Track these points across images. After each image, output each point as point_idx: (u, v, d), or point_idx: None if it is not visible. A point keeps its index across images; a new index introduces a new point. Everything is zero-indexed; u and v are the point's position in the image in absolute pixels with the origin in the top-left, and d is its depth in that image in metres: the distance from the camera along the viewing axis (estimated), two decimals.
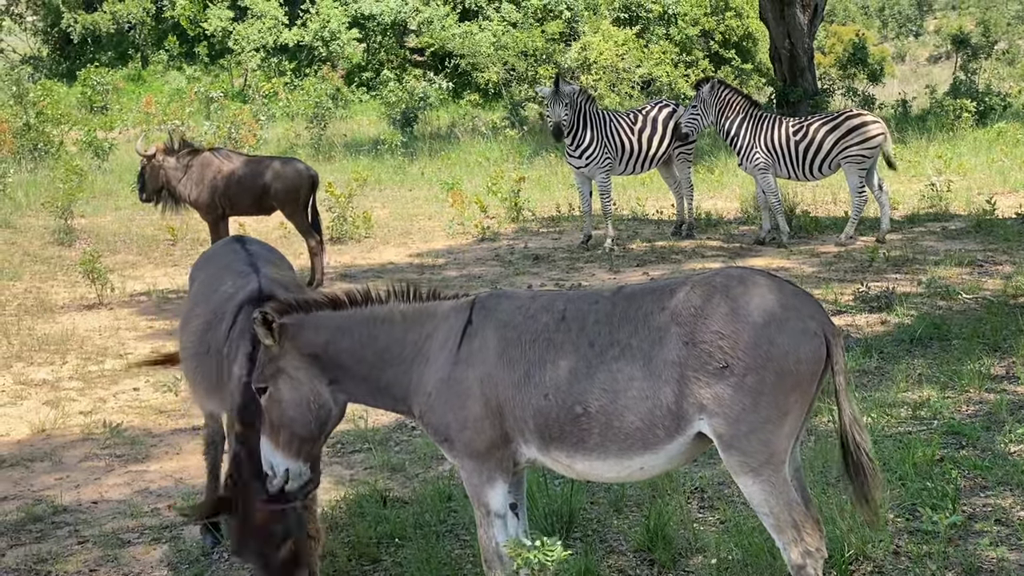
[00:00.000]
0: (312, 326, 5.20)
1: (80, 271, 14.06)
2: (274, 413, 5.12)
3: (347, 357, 5.19)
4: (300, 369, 5.13)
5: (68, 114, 27.62)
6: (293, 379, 5.13)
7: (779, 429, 4.62)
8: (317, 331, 5.19)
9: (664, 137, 16.45)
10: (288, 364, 5.12)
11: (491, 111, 33.10)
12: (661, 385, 4.66)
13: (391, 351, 5.19)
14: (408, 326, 5.21)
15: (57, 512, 7.60)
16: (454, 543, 6.63)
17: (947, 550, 5.96)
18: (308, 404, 5.17)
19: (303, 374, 5.13)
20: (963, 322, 10.53)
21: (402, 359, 5.18)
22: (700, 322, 4.63)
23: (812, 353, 4.64)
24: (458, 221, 18.17)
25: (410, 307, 5.27)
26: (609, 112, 17.64)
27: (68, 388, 10.42)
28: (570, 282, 13.69)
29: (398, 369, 5.19)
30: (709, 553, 6.25)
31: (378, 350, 5.19)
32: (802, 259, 14.67)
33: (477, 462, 5.05)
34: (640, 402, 4.69)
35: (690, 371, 4.61)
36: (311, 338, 5.17)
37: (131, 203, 20.57)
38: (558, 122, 15.90)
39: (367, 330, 5.21)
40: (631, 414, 4.71)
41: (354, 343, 5.20)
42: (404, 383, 5.20)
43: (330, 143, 27.50)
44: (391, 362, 5.19)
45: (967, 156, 21.54)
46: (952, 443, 7.71)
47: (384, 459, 8.18)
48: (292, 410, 5.13)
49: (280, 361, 5.12)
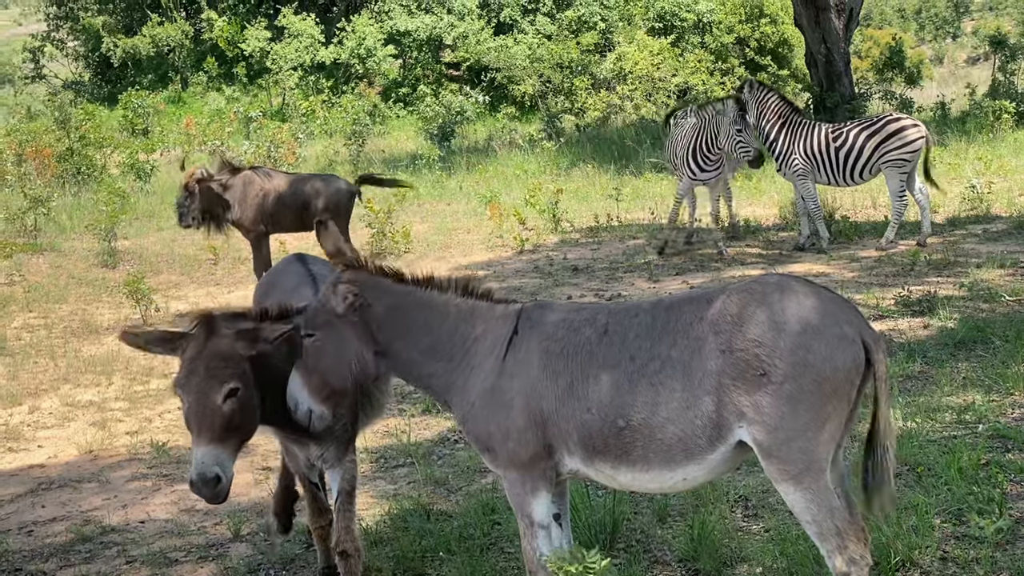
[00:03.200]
0: (373, 292, 5.24)
1: (124, 292, 14.18)
2: (313, 359, 5.18)
3: (398, 335, 5.22)
4: (350, 329, 5.17)
5: (110, 137, 27.88)
6: (341, 337, 5.17)
7: (818, 436, 4.61)
8: (377, 299, 5.22)
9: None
10: (341, 321, 5.16)
11: (528, 123, 33.19)
12: (701, 395, 4.67)
13: (441, 344, 5.22)
14: (459, 322, 5.24)
15: (105, 532, 7.68)
16: (498, 556, 6.64)
17: (994, 555, 5.91)
18: (349, 364, 5.22)
19: (352, 334, 5.17)
20: (1006, 324, 10.44)
21: (450, 355, 5.21)
22: (737, 330, 4.63)
23: (850, 359, 4.63)
24: (497, 234, 18.21)
25: (465, 303, 5.30)
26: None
27: (114, 408, 10.51)
28: (609, 292, 13.69)
29: (444, 365, 5.22)
30: (754, 562, 6.24)
31: (429, 339, 5.23)
32: (842, 264, 14.60)
33: (520, 473, 5.06)
34: (681, 413, 4.70)
35: (728, 379, 4.62)
36: (372, 305, 5.20)
37: (173, 224, 20.63)
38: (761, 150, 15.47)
39: (422, 315, 5.24)
40: (673, 426, 4.72)
41: (408, 323, 5.23)
42: (446, 381, 5.23)
43: (368, 159, 27.64)
44: (438, 355, 5.22)
45: (1007, 157, 21.39)
46: (998, 447, 7.65)
47: (427, 473, 8.20)
48: (332, 363, 5.19)
49: (333, 318, 5.16)
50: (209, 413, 5.31)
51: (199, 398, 5.33)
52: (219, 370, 5.35)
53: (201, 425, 5.33)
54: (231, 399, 5.35)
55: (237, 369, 5.39)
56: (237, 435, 5.45)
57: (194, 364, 5.39)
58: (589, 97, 31.33)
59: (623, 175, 23.45)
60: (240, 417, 5.41)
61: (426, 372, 5.26)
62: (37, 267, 17.55)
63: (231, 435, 5.40)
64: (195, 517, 7.90)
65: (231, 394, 5.35)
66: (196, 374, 5.37)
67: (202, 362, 5.37)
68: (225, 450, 5.35)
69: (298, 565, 6.94)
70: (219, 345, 5.43)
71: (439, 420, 9.43)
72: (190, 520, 7.84)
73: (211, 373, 5.34)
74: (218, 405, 5.32)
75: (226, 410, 5.35)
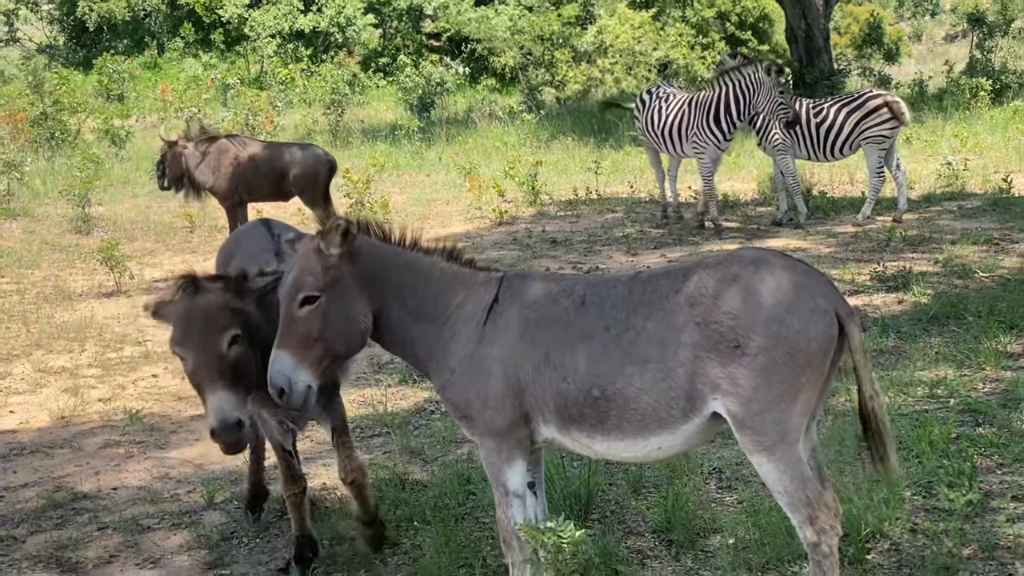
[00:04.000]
0: (369, 250, 5.19)
1: (98, 259, 14.12)
2: (316, 325, 5.00)
3: (391, 295, 5.18)
4: (354, 288, 5.09)
5: (85, 103, 27.71)
6: (348, 294, 5.07)
7: (791, 408, 4.63)
8: (371, 256, 5.18)
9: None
10: (346, 278, 5.07)
11: (508, 95, 33.12)
12: (675, 367, 4.68)
13: (426, 307, 5.20)
14: (444, 287, 5.22)
15: (77, 499, 7.65)
16: (473, 526, 6.65)
17: (964, 527, 5.95)
18: (357, 322, 5.11)
19: (356, 292, 5.10)
20: (980, 300, 10.50)
21: (433, 318, 5.19)
22: (712, 303, 4.65)
23: (823, 332, 4.65)
24: (475, 206, 18.20)
25: (449, 268, 5.29)
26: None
27: (87, 375, 10.47)
28: (588, 265, 13.69)
29: (428, 327, 5.19)
30: (727, 533, 6.26)
31: (415, 301, 5.20)
32: (819, 239, 14.64)
33: (497, 442, 5.07)
34: (655, 384, 4.72)
35: (703, 352, 4.63)
36: (367, 262, 5.15)
37: (148, 191, 20.68)
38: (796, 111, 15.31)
39: (409, 275, 5.21)
40: (647, 396, 4.74)
41: (399, 282, 5.19)
42: (429, 345, 5.20)
43: (347, 129, 27.55)
44: (423, 319, 5.19)
45: (983, 135, 21.47)
46: (969, 421, 7.70)
47: (403, 443, 8.20)
48: (339, 324, 5.05)
49: (338, 273, 5.06)
50: (216, 360, 5.25)
51: (203, 350, 5.27)
52: (217, 319, 5.30)
53: (211, 374, 5.26)
54: (235, 345, 5.31)
55: (235, 317, 5.35)
56: (244, 384, 5.38)
57: (189, 319, 5.33)
58: (570, 70, 31.25)
59: (603, 148, 23.45)
60: (245, 364, 5.36)
61: (411, 336, 5.22)
62: (10, 232, 17.46)
63: (240, 382, 5.34)
64: (168, 484, 7.89)
65: (234, 340, 5.31)
66: (194, 328, 5.31)
67: (198, 315, 5.31)
68: (239, 396, 5.30)
69: (272, 534, 6.94)
70: (210, 299, 5.38)
71: (415, 391, 9.43)
72: (163, 487, 7.83)
73: (209, 324, 5.29)
74: (224, 352, 5.28)
75: (232, 355, 5.30)
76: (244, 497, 7.25)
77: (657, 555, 6.16)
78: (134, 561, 6.67)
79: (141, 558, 6.70)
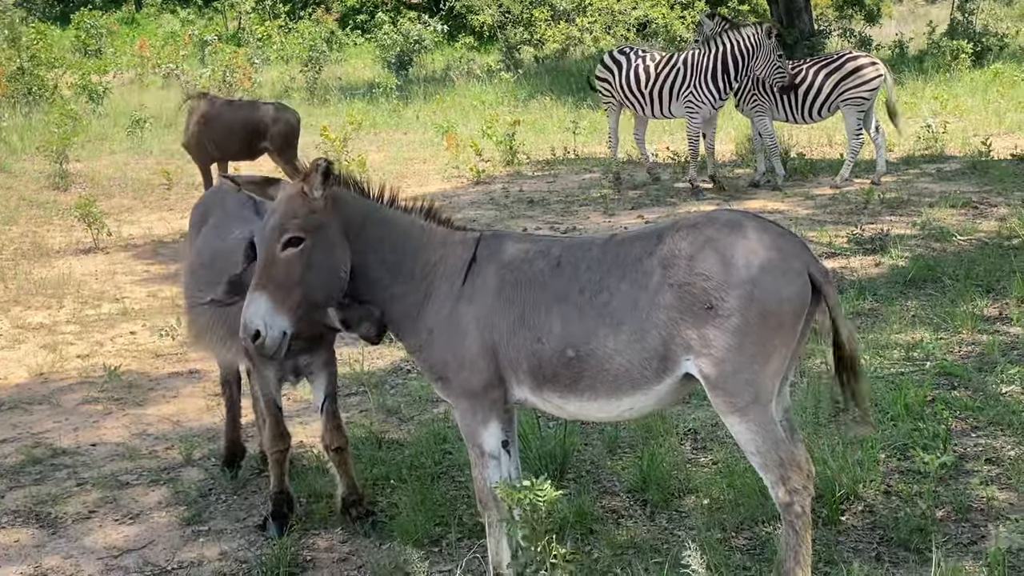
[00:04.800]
0: (350, 201, 5.16)
1: (76, 215, 14.09)
2: (297, 269, 4.95)
3: (371, 247, 5.15)
4: (337, 236, 5.06)
5: (62, 58, 27.48)
6: (332, 241, 5.04)
7: (764, 369, 4.66)
8: (352, 208, 5.14)
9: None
10: (330, 225, 5.03)
11: (486, 54, 32.97)
12: (649, 328, 4.70)
13: (404, 263, 5.18)
14: (422, 245, 5.20)
15: (56, 455, 7.66)
16: (449, 485, 6.69)
17: (938, 490, 6.01)
18: (338, 271, 5.07)
19: (339, 241, 5.06)
20: (957, 264, 10.56)
21: (411, 275, 5.17)
22: (687, 265, 4.66)
23: (796, 294, 4.67)
24: (453, 165, 18.17)
25: (428, 226, 5.27)
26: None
27: (65, 332, 10.45)
28: (565, 225, 13.70)
29: (406, 285, 5.17)
30: (701, 493, 6.31)
31: (395, 257, 5.17)
32: (797, 201, 14.67)
33: (472, 402, 5.09)
34: (629, 345, 4.73)
35: (676, 313, 4.65)
36: (348, 212, 5.12)
37: (126, 147, 20.59)
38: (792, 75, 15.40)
39: (388, 230, 5.19)
40: (621, 357, 4.76)
41: (380, 236, 5.17)
42: (407, 303, 5.18)
43: (325, 87, 27.40)
44: (401, 274, 5.17)
45: (963, 97, 21.51)
46: (944, 384, 7.76)
47: (379, 402, 8.23)
48: (321, 271, 5.00)
49: (322, 218, 5.01)
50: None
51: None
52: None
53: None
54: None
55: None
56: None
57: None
58: (548, 29, 31.10)
59: (581, 108, 23.39)
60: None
61: (389, 294, 5.19)
62: None
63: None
64: (147, 441, 7.90)
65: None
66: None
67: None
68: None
69: (249, 491, 6.96)
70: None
71: (392, 350, 9.44)
72: (142, 444, 7.83)
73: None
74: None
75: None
76: (221, 455, 7.27)
77: (632, 515, 6.21)
78: (113, 517, 6.68)
79: (120, 514, 6.71)
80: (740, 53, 15.07)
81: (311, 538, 6.23)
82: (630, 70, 16.19)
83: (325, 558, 6.01)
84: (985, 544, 5.49)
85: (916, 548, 5.52)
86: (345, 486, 6.33)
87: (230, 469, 7.13)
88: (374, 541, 6.11)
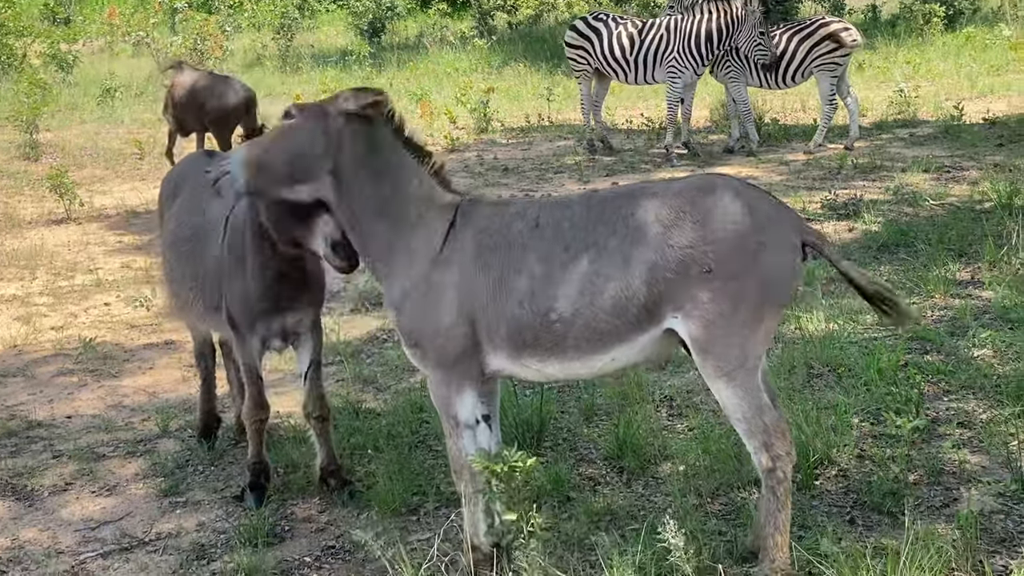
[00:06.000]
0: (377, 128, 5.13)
1: (47, 186, 14.00)
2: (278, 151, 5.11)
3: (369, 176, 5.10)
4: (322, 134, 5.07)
5: (30, 26, 27.25)
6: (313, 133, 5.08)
7: (754, 335, 4.67)
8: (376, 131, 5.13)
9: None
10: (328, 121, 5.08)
11: (459, 20, 32.80)
12: (641, 286, 4.65)
13: (399, 208, 5.10)
14: (420, 196, 5.12)
15: (31, 427, 7.64)
16: (426, 454, 6.70)
17: (910, 453, 6.04)
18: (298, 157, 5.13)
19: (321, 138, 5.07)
20: (929, 228, 10.60)
21: (399, 221, 5.09)
22: (689, 226, 4.62)
23: (791, 265, 4.71)
24: (427, 132, 18.10)
25: (429, 180, 5.18)
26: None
27: (39, 304, 10.41)
28: (540, 192, 13.69)
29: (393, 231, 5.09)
30: (677, 460, 6.34)
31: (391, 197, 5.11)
32: (771, 167, 14.70)
33: (446, 372, 5.03)
34: (616, 303, 4.67)
35: (671, 273, 4.61)
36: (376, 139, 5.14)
37: (96, 117, 20.45)
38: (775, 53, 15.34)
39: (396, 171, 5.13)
40: (606, 314, 4.70)
41: (382, 170, 5.12)
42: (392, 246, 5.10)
43: (297, 54, 27.26)
44: (388, 216, 5.11)
45: (936, 61, 21.57)
46: (917, 348, 7.80)
47: (356, 371, 8.23)
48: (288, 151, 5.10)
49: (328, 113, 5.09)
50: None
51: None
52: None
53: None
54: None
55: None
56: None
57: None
58: None
59: (555, 75, 23.34)
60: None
61: (369, 229, 5.14)
62: None
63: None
64: (122, 413, 7.89)
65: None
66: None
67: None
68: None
69: (226, 461, 6.97)
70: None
71: (368, 319, 9.44)
72: (117, 415, 7.82)
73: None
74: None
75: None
76: (197, 426, 7.27)
77: (609, 482, 6.24)
78: (90, 489, 6.68)
79: (97, 486, 6.71)
80: (725, 25, 15.08)
81: (289, 508, 6.24)
82: (611, 37, 16.11)
83: (303, 528, 6.02)
84: (957, 507, 5.53)
85: (889, 511, 5.57)
86: (324, 455, 6.35)
87: (207, 440, 7.14)
88: (352, 511, 6.13)
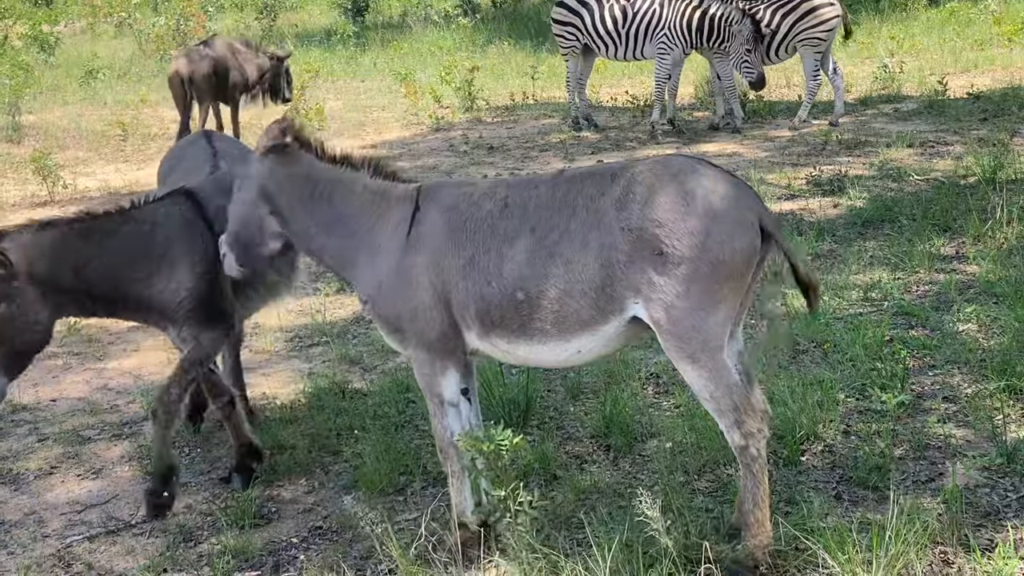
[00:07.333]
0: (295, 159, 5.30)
1: (30, 168, 13.93)
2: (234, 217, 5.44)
3: (300, 201, 5.27)
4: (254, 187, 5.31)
5: (11, 7, 27.12)
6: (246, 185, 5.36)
7: (712, 316, 4.65)
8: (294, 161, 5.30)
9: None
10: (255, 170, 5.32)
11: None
12: (599, 269, 4.68)
13: (344, 221, 5.23)
14: (366, 201, 5.23)
15: (16, 411, 7.62)
16: (412, 433, 6.70)
17: (896, 428, 6.07)
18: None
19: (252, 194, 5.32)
20: (914, 203, 10.61)
21: (351, 232, 5.22)
22: (640, 209, 4.63)
23: (747, 244, 4.67)
24: (412, 112, 18.08)
25: (374, 183, 5.29)
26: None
27: None
28: (525, 171, 13.67)
29: (341, 242, 5.24)
30: (664, 437, 6.34)
31: (330, 213, 5.24)
32: (756, 144, 14.69)
33: (428, 352, 5.08)
34: (578, 286, 4.71)
35: (626, 256, 4.63)
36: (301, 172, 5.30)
37: (79, 98, 20.35)
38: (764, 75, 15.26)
39: (328, 189, 5.26)
40: (569, 298, 4.73)
41: (313, 193, 5.26)
42: (342, 258, 5.28)
43: (280, 34, 27.15)
44: (336, 232, 5.24)
45: (920, 36, 21.54)
46: (902, 323, 7.82)
47: (342, 352, 8.22)
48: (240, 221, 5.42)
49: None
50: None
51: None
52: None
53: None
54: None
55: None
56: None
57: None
58: None
59: (539, 53, 23.28)
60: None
61: (318, 245, 5.31)
62: None
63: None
64: (108, 395, 7.87)
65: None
66: None
67: None
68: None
69: (212, 443, 6.96)
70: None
71: (353, 300, 9.42)
72: (103, 398, 7.81)
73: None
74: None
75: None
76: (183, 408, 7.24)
77: (595, 460, 6.25)
78: (76, 472, 6.67)
79: (83, 469, 6.71)
80: (717, 25, 15.05)
81: (276, 490, 6.24)
82: (603, 12, 16.04)
83: (290, 509, 6.03)
84: (943, 481, 5.55)
85: (875, 486, 5.58)
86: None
87: (192, 423, 7.13)
88: (339, 491, 6.13)
